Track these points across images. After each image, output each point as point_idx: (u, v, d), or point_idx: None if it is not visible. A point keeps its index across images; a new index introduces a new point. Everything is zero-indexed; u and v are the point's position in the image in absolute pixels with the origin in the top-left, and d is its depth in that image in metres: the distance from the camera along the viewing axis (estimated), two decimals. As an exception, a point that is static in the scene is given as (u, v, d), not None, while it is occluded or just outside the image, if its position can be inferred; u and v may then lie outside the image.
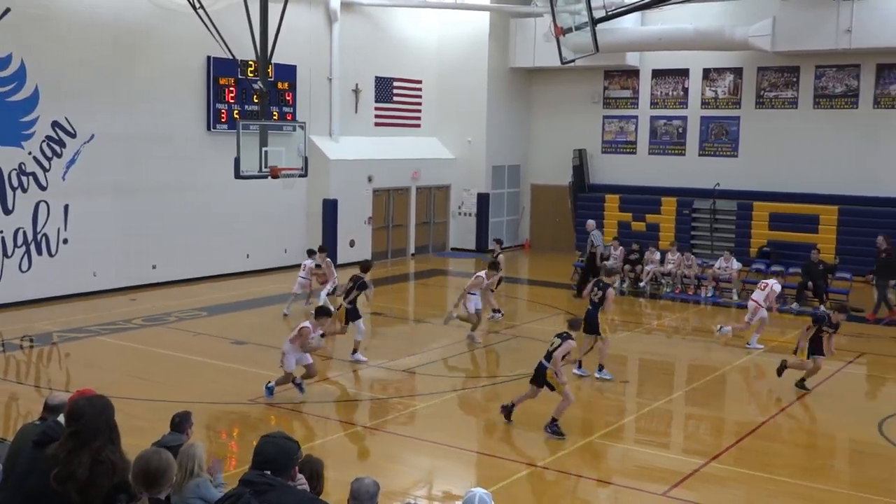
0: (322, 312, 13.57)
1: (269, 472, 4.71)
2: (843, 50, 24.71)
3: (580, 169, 29.56)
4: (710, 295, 22.55)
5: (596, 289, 14.92)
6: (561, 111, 30.60)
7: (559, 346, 11.88)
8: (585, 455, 11.35)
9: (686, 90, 28.55)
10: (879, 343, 17.33)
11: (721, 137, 28.06)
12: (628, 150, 29.64)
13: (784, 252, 24.77)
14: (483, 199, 30.02)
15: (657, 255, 23.69)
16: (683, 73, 28.48)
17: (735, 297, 22.19)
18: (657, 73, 28.97)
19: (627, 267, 23.50)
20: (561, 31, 22.10)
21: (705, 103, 28.25)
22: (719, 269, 22.81)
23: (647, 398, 13.94)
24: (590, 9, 21.83)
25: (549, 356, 11.93)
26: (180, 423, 7.99)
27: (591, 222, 23.59)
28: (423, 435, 12.17)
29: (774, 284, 17.73)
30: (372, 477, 6.12)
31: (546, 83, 30.80)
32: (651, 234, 26.94)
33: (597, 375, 14.59)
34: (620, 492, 10.29)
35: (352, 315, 15.69)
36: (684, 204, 27.48)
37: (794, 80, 26.78)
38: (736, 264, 22.76)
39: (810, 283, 20.89)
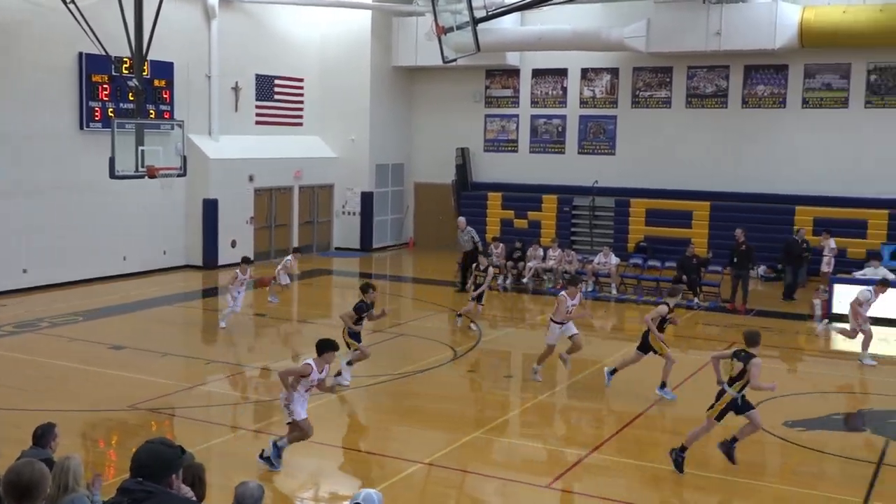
0: (327, 347, 10.79)
1: (142, 479, 4.58)
2: (713, 51, 25.62)
3: (463, 167, 29.82)
4: (589, 290, 23.07)
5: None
6: (443, 110, 30.79)
7: (742, 369, 10.38)
8: (471, 450, 11.46)
9: (565, 90, 29.12)
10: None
11: (599, 136, 28.74)
12: (510, 149, 30.06)
13: (660, 247, 25.55)
14: (367, 198, 29.96)
15: (540, 252, 24.16)
16: (562, 72, 29.05)
17: (613, 292, 22.84)
18: (537, 73, 29.46)
19: (510, 263, 23.88)
20: (442, 31, 22.34)
21: (583, 103, 28.87)
22: (598, 264, 23.39)
23: (531, 392, 14.16)
24: (471, 8, 22.15)
25: (731, 382, 10.50)
26: (42, 436, 7.56)
27: (461, 220, 23.55)
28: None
29: (863, 291, 16.27)
30: (256, 481, 6.05)
31: (428, 82, 30.94)
32: (533, 231, 27.41)
33: (657, 392, 13.81)
34: (507, 485, 10.43)
35: (354, 338, 14.25)
36: (565, 201, 28.04)
37: (668, 80, 27.65)
38: (614, 259, 23.41)
39: (685, 277, 21.63)
